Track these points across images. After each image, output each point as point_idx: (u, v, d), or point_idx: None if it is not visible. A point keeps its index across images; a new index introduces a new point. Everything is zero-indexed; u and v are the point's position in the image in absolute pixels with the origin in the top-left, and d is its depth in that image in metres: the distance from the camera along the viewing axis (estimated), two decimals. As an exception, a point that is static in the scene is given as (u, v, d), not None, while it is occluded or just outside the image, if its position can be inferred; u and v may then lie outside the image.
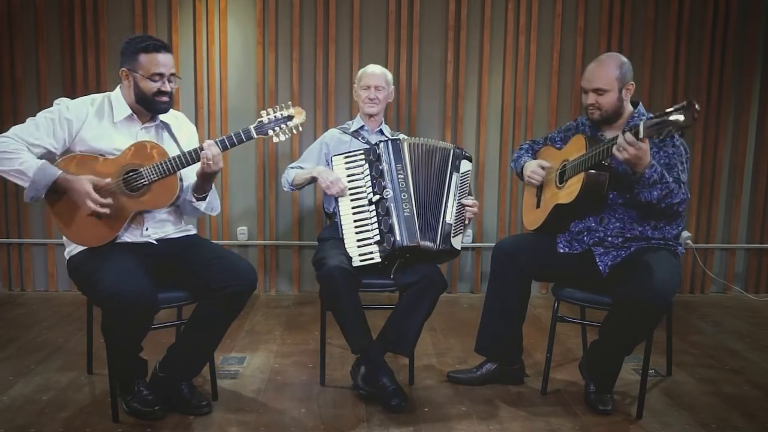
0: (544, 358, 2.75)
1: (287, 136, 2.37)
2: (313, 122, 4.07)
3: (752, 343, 3.37)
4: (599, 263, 2.53)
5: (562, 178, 2.57)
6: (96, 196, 2.24)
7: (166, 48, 2.37)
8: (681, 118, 2.09)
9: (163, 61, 2.34)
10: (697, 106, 2.07)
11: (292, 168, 2.99)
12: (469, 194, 2.76)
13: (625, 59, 2.53)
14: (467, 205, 2.72)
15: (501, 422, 2.45)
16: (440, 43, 4.07)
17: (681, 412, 2.56)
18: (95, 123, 2.38)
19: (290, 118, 2.36)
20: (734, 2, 4.07)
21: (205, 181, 2.39)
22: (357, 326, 2.55)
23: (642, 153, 2.24)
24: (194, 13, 3.97)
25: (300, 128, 2.39)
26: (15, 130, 2.29)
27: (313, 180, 2.82)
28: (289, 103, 2.40)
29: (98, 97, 2.45)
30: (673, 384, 2.83)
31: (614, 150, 2.26)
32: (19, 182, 2.24)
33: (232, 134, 2.33)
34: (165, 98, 2.37)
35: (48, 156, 2.32)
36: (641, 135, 2.19)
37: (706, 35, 4.10)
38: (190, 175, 2.46)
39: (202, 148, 2.29)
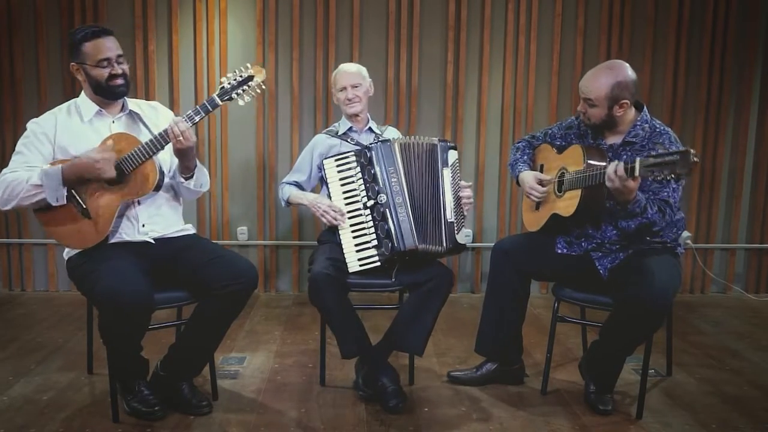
0: (544, 358, 2.75)
1: (251, 97, 2.34)
2: (313, 122, 4.07)
3: (752, 343, 3.37)
4: (599, 266, 2.53)
5: (561, 187, 2.55)
6: (104, 154, 2.26)
7: (107, 32, 2.36)
8: (677, 168, 2.04)
9: (107, 45, 2.34)
10: (695, 158, 2.02)
11: (287, 184, 2.94)
12: (460, 181, 2.71)
13: (624, 76, 2.40)
14: (463, 195, 2.68)
15: (501, 422, 2.45)
16: (440, 43, 4.07)
17: (681, 412, 2.56)
18: (67, 128, 2.39)
19: (251, 78, 2.33)
20: (734, 2, 4.07)
21: (183, 158, 2.38)
22: (345, 331, 2.53)
23: (627, 189, 2.20)
24: (194, 13, 3.97)
25: (263, 86, 2.36)
26: (4, 171, 2.33)
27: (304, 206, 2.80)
28: (248, 64, 2.38)
29: (64, 105, 2.48)
30: (673, 384, 2.83)
31: (605, 176, 2.23)
32: (39, 197, 2.28)
33: (198, 106, 2.31)
34: (119, 81, 2.37)
35: None
36: (636, 173, 2.14)
37: (706, 35, 4.10)
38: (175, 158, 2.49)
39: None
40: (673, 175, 2.06)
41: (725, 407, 2.60)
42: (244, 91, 2.33)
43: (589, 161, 2.41)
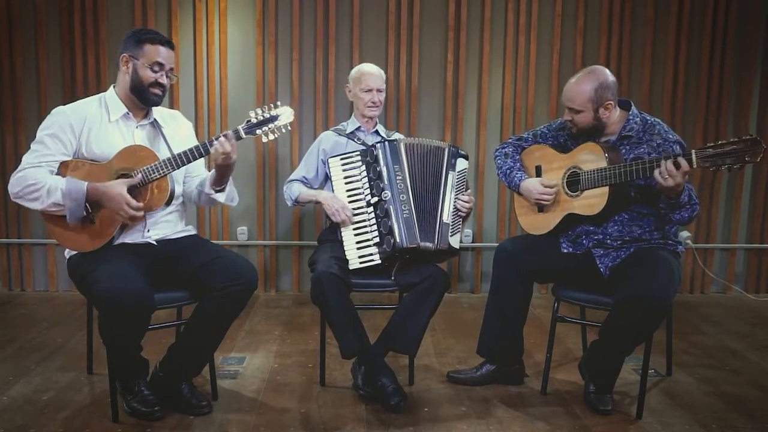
0: (544, 359, 2.75)
1: (276, 136, 2.36)
2: (313, 122, 4.07)
3: (752, 343, 3.37)
4: (600, 264, 2.53)
5: (575, 186, 2.54)
6: (132, 201, 2.26)
7: (171, 45, 2.41)
8: (746, 156, 2.08)
9: (166, 54, 2.38)
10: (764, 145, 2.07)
11: (294, 181, 2.95)
12: (466, 190, 2.76)
13: (604, 78, 2.45)
14: (463, 202, 2.71)
15: (501, 422, 2.45)
16: (440, 43, 4.07)
17: (681, 412, 2.56)
18: (96, 123, 2.38)
19: (279, 117, 2.35)
20: (734, 2, 4.07)
21: (221, 174, 2.42)
22: (347, 331, 2.54)
23: (683, 182, 2.24)
24: (194, 13, 3.97)
25: (288, 127, 2.38)
26: (26, 159, 2.31)
27: (318, 203, 2.81)
28: (278, 102, 2.40)
29: (94, 98, 2.47)
30: (673, 384, 2.83)
31: (656, 174, 2.23)
32: (57, 211, 2.28)
33: (221, 135, 2.33)
34: (159, 91, 2.39)
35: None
36: (693, 165, 2.17)
37: (706, 35, 4.10)
38: (200, 170, 2.55)
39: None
40: (737, 165, 2.11)
41: (725, 407, 2.60)
42: (269, 128, 2.35)
43: (610, 158, 2.42)
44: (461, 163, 2.74)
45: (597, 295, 2.51)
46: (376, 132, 3.02)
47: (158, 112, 2.52)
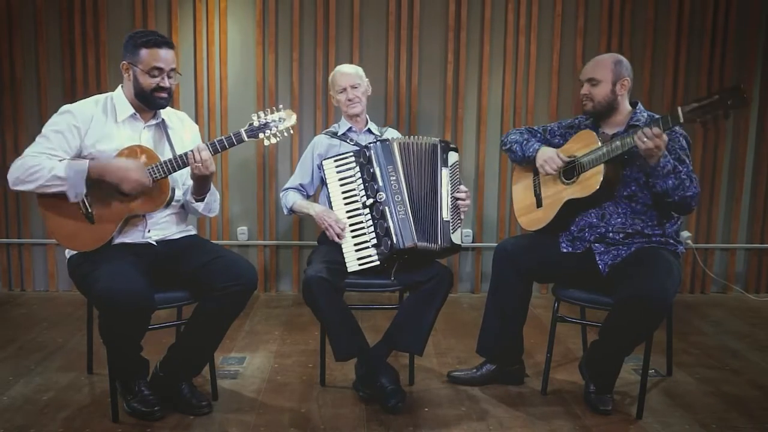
0: (544, 358, 2.75)
1: (278, 139, 2.38)
2: (313, 123, 4.07)
3: (752, 343, 3.37)
4: (599, 262, 2.53)
5: (571, 174, 2.56)
6: (139, 168, 2.26)
7: (168, 44, 2.37)
8: (729, 102, 2.14)
9: (164, 56, 2.34)
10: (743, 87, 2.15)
11: (290, 189, 2.95)
12: (460, 185, 2.75)
13: (623, 59, 2.59)
14: (462, 198, 2.71)
15: (501, 422, 2.45)
16: (440, 44, 4.07)
17: (681, 412, 2.56)
18: (101, 123, 2.38)
19: (281, 121, 2.37)
20: (734, 3, 4.07)
21: (199, 184, 2.40)
22: (339, 333, 2.53)
23: (662, 145, 2.29)
24: (194, 13, 3.97)
25: (291, 131, 2.40)
26: (28, 150, 2.31)
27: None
28: (281, 105, 2.42)
29: (101, 97, 2.46)
30: (673, 384, 2.83)
31: (635, 138, 2.31)
32: (59, 189, 2.26)
33: (224, 138, 2.34)
34: (164, 94, 2.38)
35: None
36: (681, 120, 2.24)
37: (706, 35, 4.10)
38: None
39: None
40: (722, 111, 2.16)
41: (725, 407, 2.60)
42: (271, 131, 2.36)
43: (604, 140, 2.49)
44: (452, 157, 2.73)
45: (597, 295, 2.51)
46: (369, 131, 3.00)
47: (165, 113, 2.52)
